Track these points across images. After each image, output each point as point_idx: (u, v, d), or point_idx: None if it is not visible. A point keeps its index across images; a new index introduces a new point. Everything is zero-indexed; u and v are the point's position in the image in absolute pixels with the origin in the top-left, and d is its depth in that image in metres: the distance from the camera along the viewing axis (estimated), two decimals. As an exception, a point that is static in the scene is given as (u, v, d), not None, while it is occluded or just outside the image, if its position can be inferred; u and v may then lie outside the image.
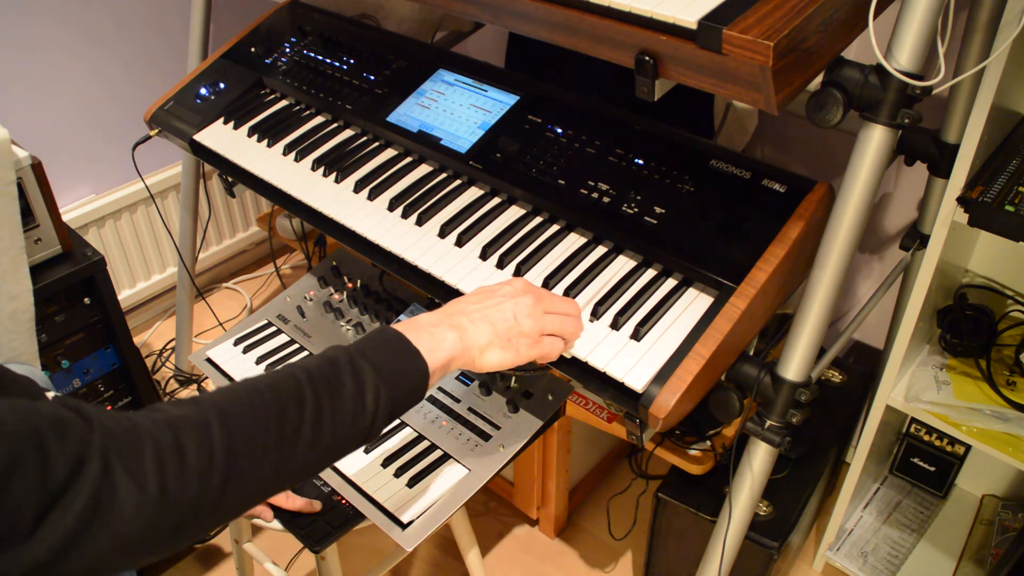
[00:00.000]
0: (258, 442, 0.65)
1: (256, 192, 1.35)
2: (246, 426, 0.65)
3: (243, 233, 2.32)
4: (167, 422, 0.61)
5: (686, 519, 1.30)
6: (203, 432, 0.62)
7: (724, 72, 0.80)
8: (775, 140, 1.68)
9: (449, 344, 0.82)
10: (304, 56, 1.48)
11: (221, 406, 0.65)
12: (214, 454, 0.62)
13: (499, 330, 0.86)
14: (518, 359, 0.87)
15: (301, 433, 0.68)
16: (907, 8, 0.78)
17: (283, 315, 1.37)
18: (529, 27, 0.96)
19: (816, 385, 0.97)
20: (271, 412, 0.67)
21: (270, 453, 0.66)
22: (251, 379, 0.70)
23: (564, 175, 1.12)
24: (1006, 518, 1.51)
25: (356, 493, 1.07)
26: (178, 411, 0.63)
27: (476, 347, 0.84)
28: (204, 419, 0.63)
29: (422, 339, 0.80)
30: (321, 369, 0.72)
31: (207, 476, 0.61)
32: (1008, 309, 1.36)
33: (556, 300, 0.92)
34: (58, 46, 1.78)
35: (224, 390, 0.68)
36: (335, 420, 0.71)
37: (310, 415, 0.69)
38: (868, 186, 0.85)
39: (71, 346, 1.46)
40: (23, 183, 1.29)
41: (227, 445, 0.63)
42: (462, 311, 0.86)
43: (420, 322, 0.83)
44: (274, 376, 0.71)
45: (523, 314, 0.87)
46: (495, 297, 0.88)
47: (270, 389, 0.69)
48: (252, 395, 0.67)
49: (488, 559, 1.61)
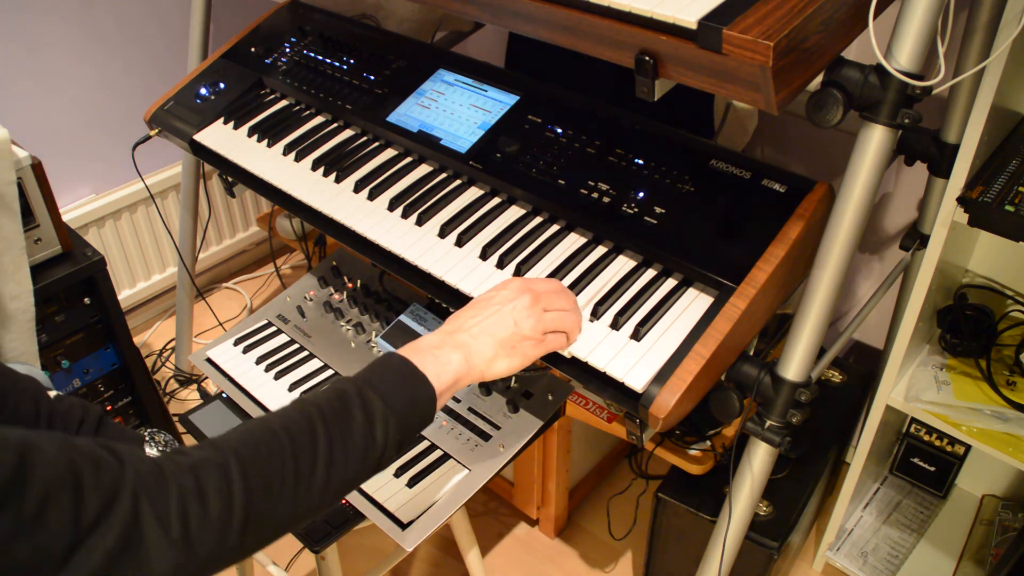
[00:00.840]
0: (275, 485, 0.67)
1: (256, 192, 1.35)
2: (264, 470, 0.67)
3: (243, 233, 2.32)
4: (190, 466, 0.63)
5: (686, 519, 1.30)
6: (223, 477, 0.64)
7: (724, 72, 0.80)
8: (775, 140, 1.68)
9: (455, 365, 0.82)
10: (304, 56, 1.48)
11: (239, 451, 0.66)
12: (234, 500, 0.64)
13: (502, 339, 0.86)
14: (525, 362, 0.88)
15: (315, 473, 0.70)
16: (907, 8, 0.78)
17: (283, 315, 1.37)
18: (529, 27, 0.96)
19: (816, 385, 0.97)
20: (286, 454, 0.69)
21: (286, 495, 0.68)
22: (266, 418, 0.72)
23: (564, 175, 1.12)
24: (1006, 518, 1.51)
25: (356, 493, 1.07)
26: (199, 455, 0.65)
27: (482, 362, 0.85)
28: (224, 463, 0.65)
29: (427, 363, 0.80)
30: (331, 404, 0.74)
31: (227, 521, 0.63)
32: (1008, 309, 1.36)
33: (552, 296, 0.92)
34: (58, 46, 1.78)
35: (241, 431, 0.69)
36: (347, 456, 0.72)
37: (323, 454, 0.70)
38: (868, 186, 0.85)
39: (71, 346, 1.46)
40: (23, 183, 1.29)
41: (246, 490, 0.65)
42: (462, 327, 0.86)
43: (423, 345, 0.83)
44: (287, 415, 0.72)
45: (523, 317, 0.87)
46: (492, 306, 0.88)
47: (284, 430, 0.70)
48: (268, 437, 0.69)
49: (488, 559, 1.61)
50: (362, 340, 1.30)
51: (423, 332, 1.19)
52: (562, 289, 0.94)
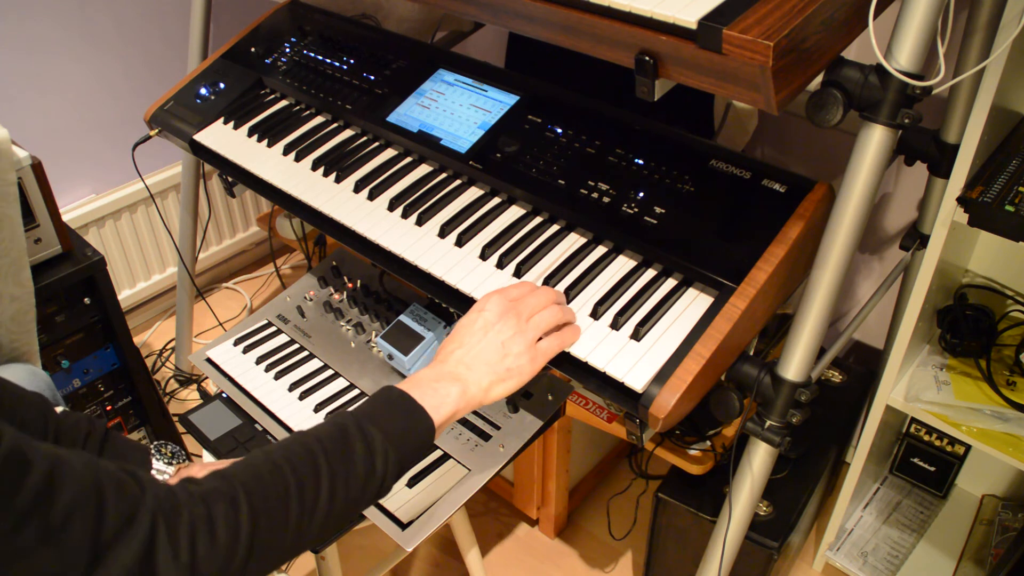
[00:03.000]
0: (280, 517, 0.70)
1: (256, 192, 1.35)
2: (269, 503, 0.69)
3: (243, 233, 2.32)
4: (201, 496, 0.66)
5: (686, 519, 1.30)
6: (232, 508, 0.67)
7: (724, 72, 0.80)
8: (775, 140, 1.68)
9: (453, 398, 0.84)
10: (304, 56, 1.48)
11: (247, 484, 0.69)
12: (240, 530, 0.66)
13: (494, 365, 0.88)
14: (523, 380, 0.90)
15: (318, 505, 0.72)
16: (907, 8, 0.78)
17: (283, 315, 1.37)
18: (529, 27, 0.96)
19: (816, 385, 0.97)
20: (291, 489, 0.71)
21: (290, 526, 0.70)
22: (268, 452, 0.74)
23: (564, 175, 1.12)
24: (1006, 518, 1.51)
25: (356, 493, 1.07)
26: (210, 485, 0.68)
27: (479, 391, 0.87)
28: (234, 496, 0.67)
29: (426, 396, 0.83)
30: (332, 438, 0.76)
31: (233, 550, 0.65)
32: (1008, 309, 1.36)
33: (530, 299, 0.93)
34: (58, 46, 1.79)
35: (247, 465, 0.72)
36: (348, 487, 0.74)
37: (326, 487, 0.73)
38: (868, 186, 0.85)
39: (71, 346, 1.46)
40: (23, 183, 1.29)
41: (252, 522, 0.67)
42: (454, 359, 0.88)
43: (421, 379, 0.85)
44: (290, 449, 0.74)
45: (509, 337, 0.89)
46: (475, 334, 0.89)
47: (288, 462, 0.72)
48: (273, 472, 0.71)
49: (488, 559, 1.61)
50: (362, 340, 1.30)
51: (423, 332, 1.19)
52: (535, 288, 0.95)
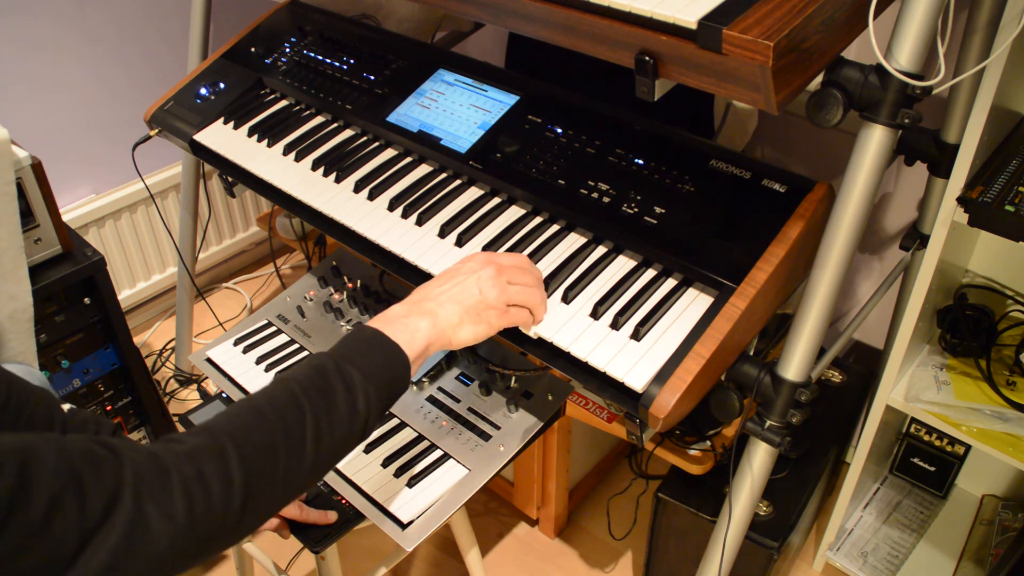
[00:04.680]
0: (269, 462, 0.70)
1: (256, 192, 1.35)
2: (258, 450, 0.69)
3: (243, 233, 2.32)
4: (187, 454, 0.65)
5: (686, 519, 1.30)
6: (221, 461, 0.66)
7: (724, 72, 0.80)
8: (775, 140, 1.68)
9: (424, 332, 0.85)
10: (304, 56, 1.48)
11: (233, 434, 0.69)
12: (233, 481, 0.66)
13: (467, 306, 0.89)
14: (490, 330, 0.91)
15: (305, 446, 0.72)
16: (907, 8, 0.78)
17: (283, 315, 1.37)
18: (529, 27, 0.96)
19: (816, 385, 0.97)
20: (277, 432, 0.71)
21: (280, 470, 0.70)
22: (251, 400, 0.74)
23: (564, 175, 1.12)
24: (1006, 518, 1.51)
25: (356, 493, 1.07)
26: (194, 441, 0.67)
27: (449, 327, 0.88)
28: (221, 448, 0.67)
29: (398, 332, 0.83)
30: (312, 380, 0.76)
31: (229, 501, 0.65)
32: (1008, 309, 1.36)
33: (516, 271, 0.95)
34: (58, 47, 1.78)
35: (230, 416, 0.71)
36: (333, 427, 0.75)
37: (311, 428, 0.73)
38: (868, 186, 0.85)
39: (71, 346, 1.46)
40: (23, 183, 1.29)
41: (244, 470, 0.67)
42: (429, 296, 0.89)
43: (392, 315, 0.86)
44: (272, 394, 0.75)
45: (487, 287, 0.91)
46: (458, 276, 0.92)
47: (272, 408, 0.73)
48: (258, 418, 0.71)
49: (488, 559, 1.61)
50: (362, 340, 1.30)
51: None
52: (528, 266, 0.97)
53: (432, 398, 1.20)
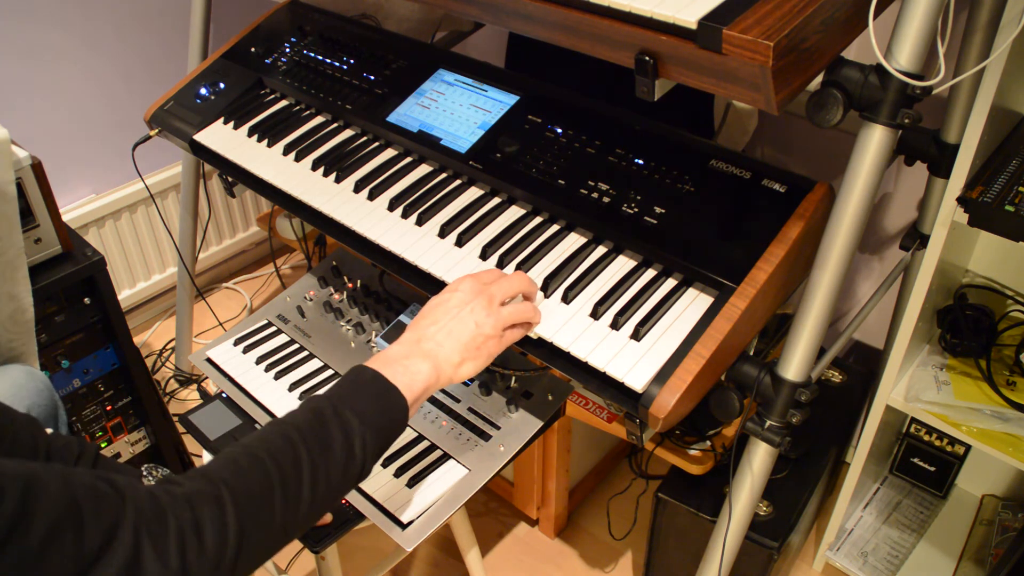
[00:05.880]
0: (265, 510, 0.70)
1: (256, 192, 1.35)
2: (254, 498, 0.69)
3: (243, 233, 2.32)
4: (185, 498, 0.65)
5: (686, 519, 1.30)
6: (218, 509, 0.66)
7: (724, 72, 0.80)
8: (775, 140, 1.68)
9: (424, 375, 0.85)
10: (304, 56, 1.48)
11: (230, 481, 0.69)
12: (228, 530, 0.66)
13: (465, 343, 0.89)
14: (489, 361, 0.91)
15: (302, 494, 0.72)
16: (907, 8, 0.78)
17: (283, 315, 1.37)
18: (529, 27, 0.96)
19: (816, 385, 0.97)
20: (274, 481, 0.71)
21: (276, 519, 0.70)
22: (248, 445, 0.73)
23: (564, 175, 1.12)
24: (1006, 518, 1.51)
25: (356, 493, 1.07)
26: (192, 486, 0.67)
27: (449, 367, 0.88)
28: (219, 496, 0.67)
29: (398, 374, 0.83)
30: (310, 425, 0.76)
31: (222, 550, 0.65)
32: (1008, 309, 1.36)
33: (504, 286, 0.94)
34: (58, 47, 1.78)
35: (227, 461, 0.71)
36: (329, 474, 0.75)
37: (308, 475, 0.73)
38: (868, 186, 0.85)
39: (71, 346, 1.46)
40: (23, 183, 1.29)
41: (239, 520, 0.67)
42: (427, 336, 0.88)
43: (392, 356, 0.86)
44: (269, 440, 0.74)
45: (482, 318, 0.90)
46: (450, 311, 0.90)
47: (269, 456, 0.72)
48: (255, 465, 0.71)
49: (488, 559, 1.61)
50: (362, 340, 1.30)
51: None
52: (504, 275, 0.96)
53: (432, 398, 1.20)
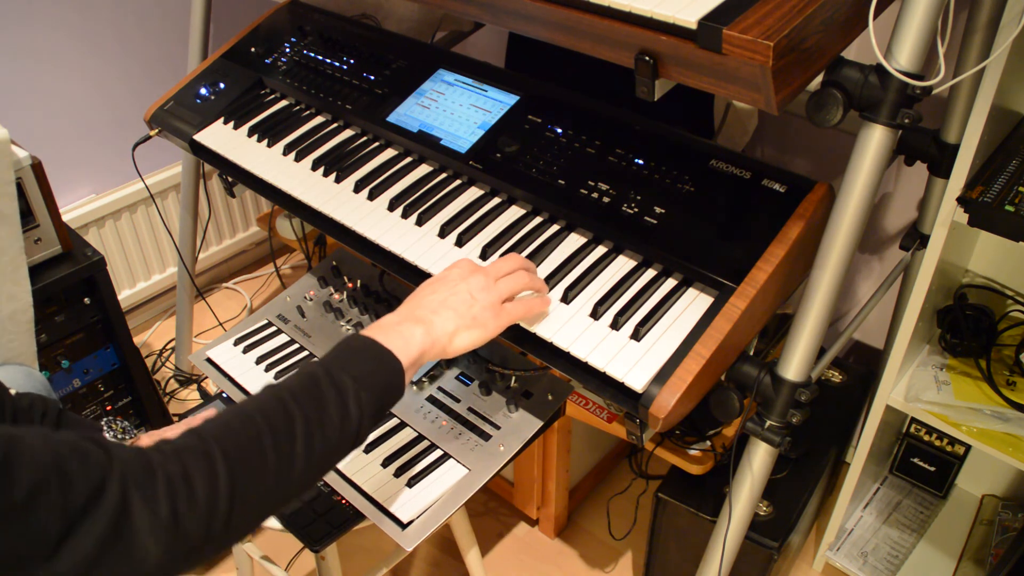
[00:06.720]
0: (256, 465, 0.69)
1: (256, 192, 1.35)
2: (245, 451, 0.69)
3: (243, 233, 2.32)
4: (174, 452, 0.65)
5: (686, 519, 1.30)
6: (207, 461, 0.66)
7: (724, 72, 0.80)
8: (775, 140, 1.68)
9: (418, 339, 0.85)
10: (304, 56, 1.48)
11: (219, 436, 0.68)
12: (218, 481, 0.65)
13: (461, 312, 0.89)
14: (487, 334, 0.90)
15: (295, 450, 0.72)
16: (907, 8, 0.78)
17: (283, 315, 1.37)
18: (529, 27, 0.96)
19: (816, 385, 0.97)
20: (265, 436, 0.70)
21: (269, 474, 0.70)
22: (239, 406, 0.73)
23: (564, 175, 1.12)
24: (1006, 518, 1.51)
25: (356, 493, 1.07)
26: (181, 442, 0.67)
27: (444, 336, 0.87)
28: (207, 450, 0.66)
29: (392, 339, 0.83)
30: (303, 386, 0.76)
31: (214, 501, 0.65)
32: (1008, 309, 1.36)
33: (500, 264, 0.95)
34: (58, 47, 1.78)
35: (218, 421, 0.71)
36: (324, 432, 0.74)
37: (301, 432, 0.72)
38: (868, 186, 0.85)
39: (71, 346, 1.46)
40: (23, 183, 1.29)
41: (229, 472, 0.66)
42: (422, 305, 0.89)
43: (385, 323, 0.86)
44: (261, 401, 0.74)
45: (478, 289, 0.90)
46: (448, 283, 0.91)
47: (260, 413, 0.72)
48: (246, 423, 0.71)
49: (488, 559, 1.61)
50: (362, 340, 1.30)
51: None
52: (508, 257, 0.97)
53: (432, 398, 1.20)
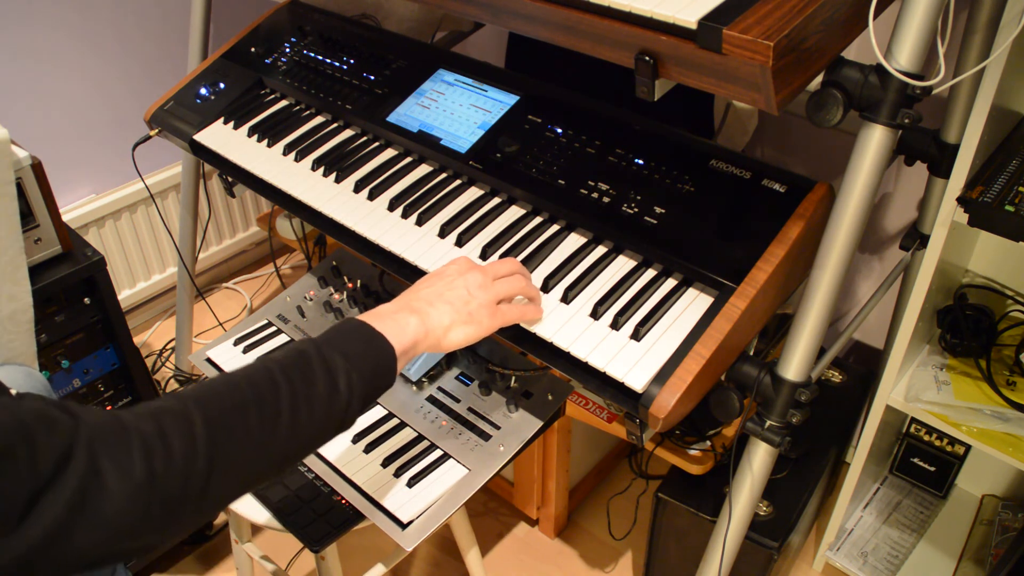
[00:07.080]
0: (238, 428, 0.68)
1: (256, 192, 1.35)
2: (225, 414, 0.67)
3: (243, 233, 2.32)
4: (149, 413, 0.64)
5: (686, 519, 1.30)
6: (185, 421, 0.64)
7: (724, 72, 0.80)
8: (775, 140, 1.68)
9: (412, 328, 0.85)
10: (304, 56, 1.48)
11: (199, 398, 0.67)
12: (197, 440, 0.64)
13: (458, 307, 0.89)
14: (481, 331, 0.90)
15: (280, 419, 0.70)
16: (907, 8, 0.78)
17: (283, 315, 1.37)
18: (529, 27, 0.96)
19: (816, 385, 0.97)
20: (248, 401, 0.69)
21: (251, 439, 0.68)
22: (226, 375, 0.73)
23: (564, 175, 1.12)
24: (1006, 518, 1.51)
25: (356, 493, 1.07)
26: (158, 403, 0.66)
27: (439, 328, 0.87)
28: (184, 409, 0.65)
29: (386, 325, 0.83)
30: (291, 359, 0.75)
31: (191, 461, 0.63)
32: (1008, 309, 1.36)
33: (498, 265, 0.96)
34: (58, 47, 1.78)
35: (202, 386, 0.70)
36: (311, 405, 0.73)
37: (286, 401, 0.71)
38: (868, 186, 0.85)
39: (71, 346, 1.46)
40: (23, 183, 1.29)
41: (209, 432, 0.65)
42: (419, 296, 0.89)
43: (381, 311, 0.86)
44: (247, 369, 0.73)
45: (475, 286, 0.91)
46: (445, 278, 0.92)
47: (245, 379, 0.71)
48: (229, 387, 0.70)
49: (488, 559, 1.61)
50: (362, 340, 1.30)
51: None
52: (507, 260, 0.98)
53: (432, 398, 1.20)
